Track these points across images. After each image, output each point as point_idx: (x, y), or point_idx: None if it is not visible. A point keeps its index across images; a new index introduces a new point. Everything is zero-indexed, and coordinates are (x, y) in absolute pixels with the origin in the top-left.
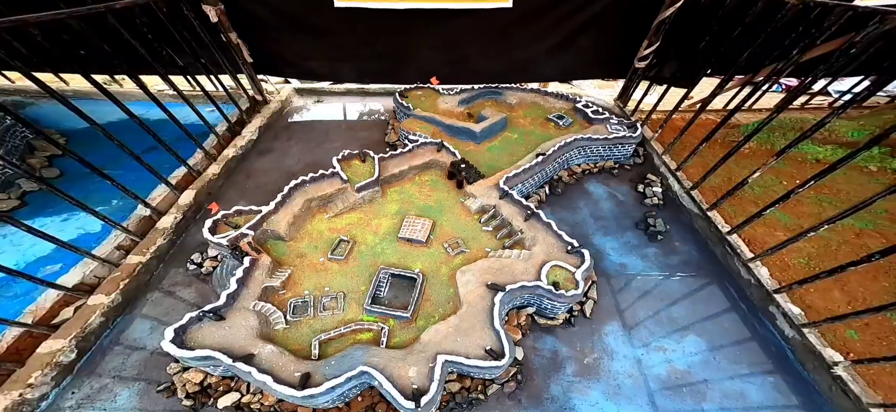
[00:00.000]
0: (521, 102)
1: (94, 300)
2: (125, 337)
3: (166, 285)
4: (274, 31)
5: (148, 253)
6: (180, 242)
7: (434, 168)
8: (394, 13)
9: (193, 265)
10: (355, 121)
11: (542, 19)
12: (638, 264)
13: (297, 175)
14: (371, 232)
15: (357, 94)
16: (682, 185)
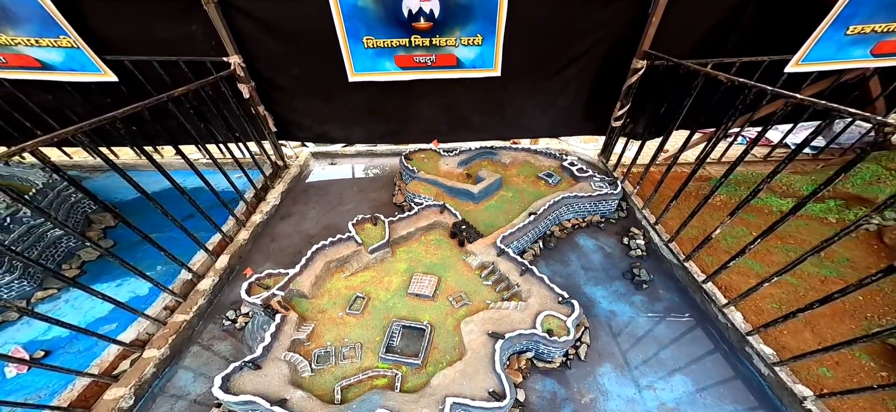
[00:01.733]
0: (514, 161)
1: (147, 354)
2: (171, 385)
3: (205, 340)
4: (295, 101)
5: (190, 312)
6: (216, 301)
7: (438, 228)
8: (399, 82)
9: (228, 321)
10: (366, 181)
11: (525, 82)
12: (626, 311)
13: (315, 237)
14: (383, 288)
15: (366, 156)
16: (661, 238)
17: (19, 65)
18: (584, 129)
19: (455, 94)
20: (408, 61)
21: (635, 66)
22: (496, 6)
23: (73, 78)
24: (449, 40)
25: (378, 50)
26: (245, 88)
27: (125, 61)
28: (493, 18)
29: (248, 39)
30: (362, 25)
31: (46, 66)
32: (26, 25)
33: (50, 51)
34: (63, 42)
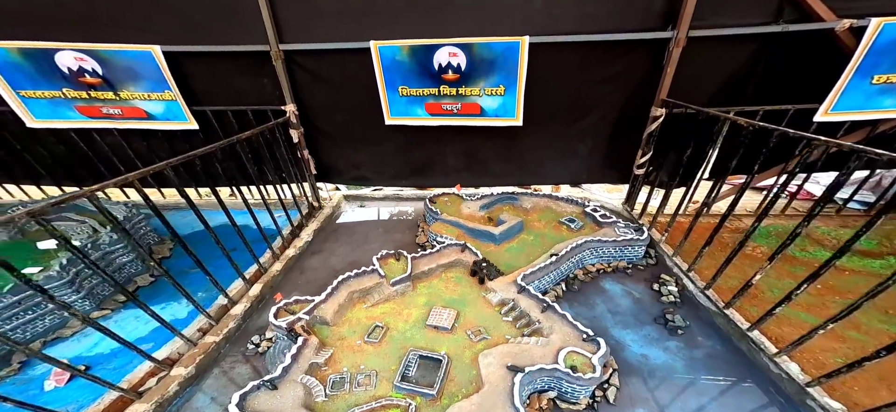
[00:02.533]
0: (536, 207)
1: (174, 372)
2: (189, 405)
3: (228, 362)
4: (335, 146)
5: (220, 334)
6: (245, 326)
7: (458, 266)
8: (428, 127)
9: (252, 345)
10: (391, 223)
11: (545, 131)
12: (660, 355)
13: (341, 272)
14: (402, 320)
15: (393, 200)
16: (696, 285)
17: (131, 116)
18: (607, 177)
19: (478, 141)
20: (436, 108)
21: (654, 114)
22: (517, 60)
23: (167, 126)
24: (474, 90)
25: (411, 98)
26: (295, 133)
27: (207, 111)
28: (514, 71)
29: (303, 90)
30: (398, 76)
31: (150, 117)
32: (143, 82)
33: (155, 103)
34: (166, 96)
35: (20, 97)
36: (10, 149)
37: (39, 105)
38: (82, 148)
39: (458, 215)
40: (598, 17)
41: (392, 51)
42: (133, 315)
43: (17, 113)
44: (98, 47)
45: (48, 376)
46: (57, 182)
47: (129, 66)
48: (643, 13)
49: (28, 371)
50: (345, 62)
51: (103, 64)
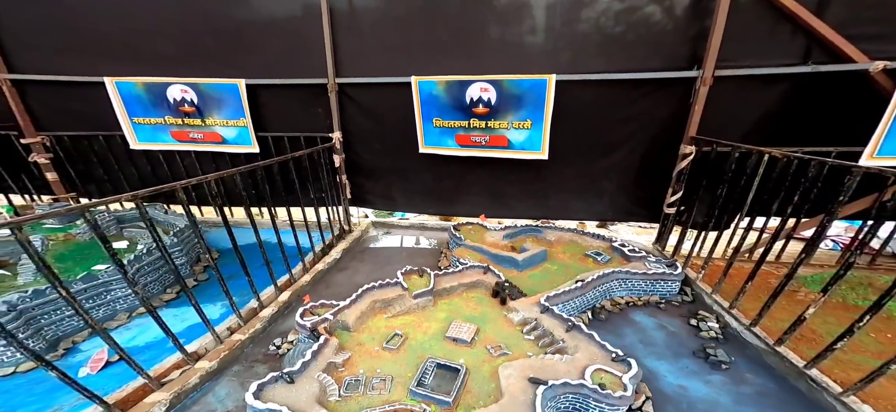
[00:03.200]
0: (560, 240)
1: (198, 365)
2: (205, 399)
3: (248, 361)
4: (370, 172)
5: (246, 334)
6: (270, 329)
7: (480, 287)
8: (456, 158)
9: (274, 347)
10: (414, 249)
11: (571, 166)
12: (701, 388)
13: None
14: (421, 332)
15: (418, 229)
16: (740, 322)
17: (210, 139)
18: (635, 215)
19: (503, 173)
20: (466, 140)
21: (684, 151)
22: (544, 95)
23: (235, 150)
24: (502, 123)
25: (443, 129)
26: (338, 158)
27: (268, 137)
28: (541, 106)
29: (349, 120)
30: (434, 108)
31: (224, 141)
32: (225, 111)
33: (230, 129)
34: (240, 122)
35: (132, 123)
36: (108, 168)
37: (144, 130)
38: (164, 168)
39: (481, 242)
40: (623, 57)
41: (430, 85)
42: (172, 313)
43: (126, 136)
44: (199, 81)
45: (84, 364)
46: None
47: (218, 97)
48: (668, 54)
49: (69, 358)
50: (386, 95)
51: (200, 95)
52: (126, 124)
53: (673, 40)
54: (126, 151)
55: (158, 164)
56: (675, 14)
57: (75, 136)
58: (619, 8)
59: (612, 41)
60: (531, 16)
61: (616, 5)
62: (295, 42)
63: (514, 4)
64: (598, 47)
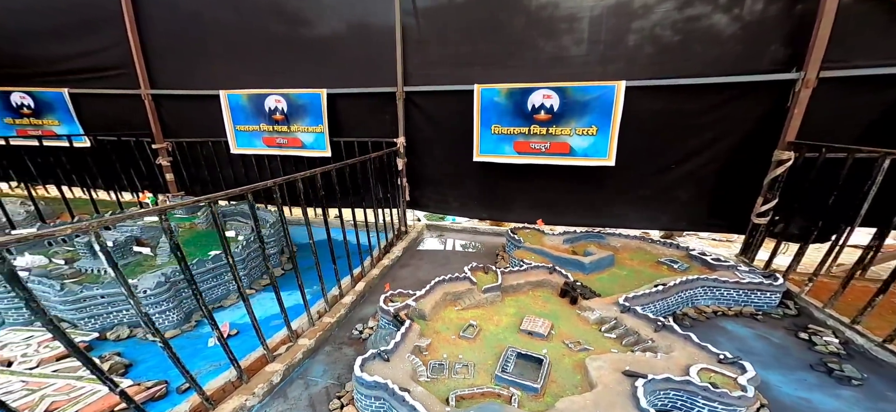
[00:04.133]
0: (626, 246)
1: (300, 342)
2: (306, 373)
3: (336, 343)
4: (427, 176)
5: (334, 317)
6: (350, 315)
7: (546, 286)
8: (513, 165)
9: (356, 332)
10: (469, 252)
11: (640, 173)
12: (830, 403)
13: (426, 284)
14: (493, 324)
15: (470, 233)
16: (868, 338)
17: (292, 144)
18: (713, 225)
19: (562, 180)
20: (525, 147)
21: (779, 158)
22: (612, 101)
23: (312, 154)
24: (564, 130)
25: (502, 136)
26: (400, 162)
27: (340, 142)
28: (608, 112)
29: (412, 127)
30: (494, 115)
31: (303, 146)
32: (307, 118)
33: (309, 135)
34: (318, 129)
35: (235, 130)
36: (211, 170)
37: (243, 136)
38: (254, 170)
39: (540, 245)
40: (706, 59)
41: (492, 92)
42: (269, 296)
43: (229, 141)
44: (290, 91)
45: (212, 336)
46: (232, 196)
47: (303, 105)
48: (759, 54)
49: (199, 329)
50: (447, 102)
51: (289, 103)
52: (230, 131)
53: (762, 40)
54: (227, 156)
55: (250, 166)
56: (764, 12)
57: (190, 142)
58: (696, 11)
59: (687, 44)
60: (595, 22)
61: (694, 7)
62: (369, 54)
63: (576, 12)
64: (672, 51)
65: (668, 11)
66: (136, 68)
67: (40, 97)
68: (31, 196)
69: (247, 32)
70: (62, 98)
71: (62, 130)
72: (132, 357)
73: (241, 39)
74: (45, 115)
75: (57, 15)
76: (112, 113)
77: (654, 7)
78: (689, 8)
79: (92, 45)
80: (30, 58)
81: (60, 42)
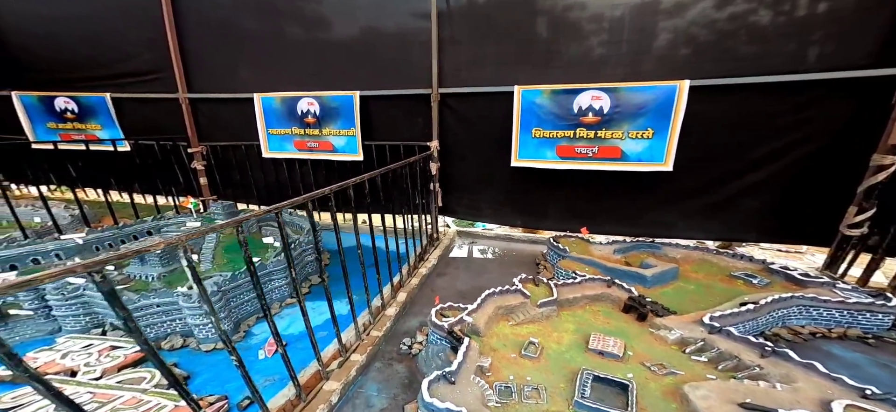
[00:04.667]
0: (687, 258)
1: (353, 357)
2: (360, 393)
3: (386, 358)
4: (460, 181)
5: (381, 331)
6: (394, 328)
7: (606, 301)
8: (553, 170)
9: (404, 347)
10: (505, 259)
11: (700, 180)
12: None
13: (467, 293)
14: (554, 341)
15: (504, 240)
16: None
17: (323, 148)
18: (790, 237)
19: (609, 186)
20: (569, 151)
21: (880, 162)
22: (673, 102)
23: (342, 158)
24: (615, 133)
25: (543, 140)
26: (434, 166)
27: (372, 146)
28: (667, 114)
29: (446, 130)
30: (534, 118)
31: (334, 149)
32: (339, 121)
33: (341, 138)
34: (350, 132)
35: (267, 134)
36: (243, 173)
37: (275, 140)
38: (284, 174)
39: (588, 255)
40: (784, 55)
41: (533, 94)
42: (311, 306)
43: (261, 145)
44: (323, 94)
45: (262, 346)
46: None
47: (336, 108)
48: (852, 48)
49: (248, 340)
50: (482, 105)
51: (322, 107)
52: (263, 135)
53: (855, 31)
54: (258, 159)
55: (280, 170)
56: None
57: (224, 146)
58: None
59: (762, 38)
60: (650, 17)
61: None
62: (403, 55)
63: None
64: (742, 47)
65: (738, 2)
66: (175, 72)
67: (83, 102)
68: (77, 200)
69: (280, 35)
70: (104, 102)
71: (104, 134)
72: (187, 368)
73: (274, 42)
74: (87, 119)
75: (101, 21)
76: (149, 117)
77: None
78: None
79: (133, 49)
80: (75, 63)
81: (104, 47)
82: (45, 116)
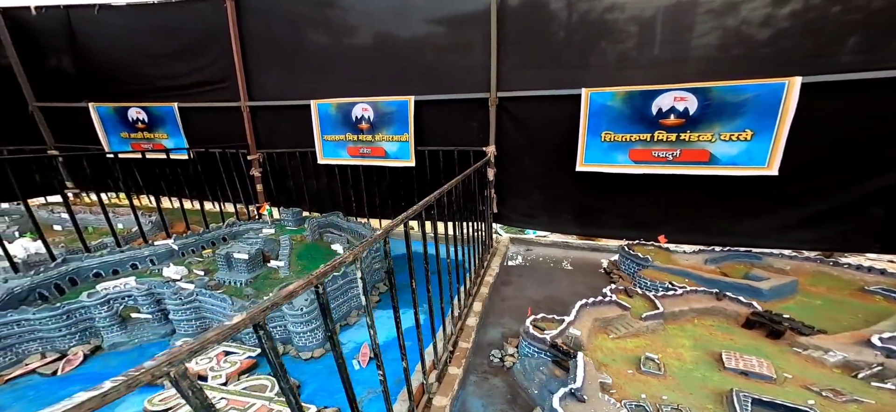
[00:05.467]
0: (799, 269)
1: (451, 370)
2: (465, 407)
3: (479, 371)
4: (516, 188)
5: (469, 342)
6: (477, 339)
7: (718, 315)
8: (622, 175)
9: (495, 359)
10: (570, 267)
11: (812, 185)
12: None
13: (541, 303)
14: (672, 357)
15: (561, 247)
16: None
17: (375, 154)
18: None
19: (693, 191)
20: (644, 155)
21: None
22: (779, 100)
23: (394, 163)
24: (703, 135)
25: (614, 144)
26: (491, 172)
27: (425, 151)
28: (772, 113)
29: (503, 135)
30: (604, 122)
31: (386, 155)
32: (393, 127)
33: (393, 144)
34: (404, 137)
35: (322, 141)
36: (296, 180)
37: (329, 146)
38: (336, 180)
39: (673, 264)
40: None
41: (604, 96)
42: (386, 314)
43: (317, 152)
44: (378, 99)
45: (356, 354)
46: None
47: (390, 113)
48: None
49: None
50: (543, 108)
51: (376, 112)
52: (318, 141)
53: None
54: (312, 166)
55: (333, 176)
56: None
57: (280, 153)
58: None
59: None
60: (735, 11)
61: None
62: (458, 58)
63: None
64: (861, 38)
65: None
66: (238, 81)
67: (154, 111)
68: (159, 208)
69: (337, 42)
70: (172, 112)
71: (169, 143)
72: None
73: (331, 49)
74: (156, 128)
75: (174, 33)
76: (210, 126)
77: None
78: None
79: (199, 61)
80: (147, 75)
81: (176, 58)
82: (119, 126)
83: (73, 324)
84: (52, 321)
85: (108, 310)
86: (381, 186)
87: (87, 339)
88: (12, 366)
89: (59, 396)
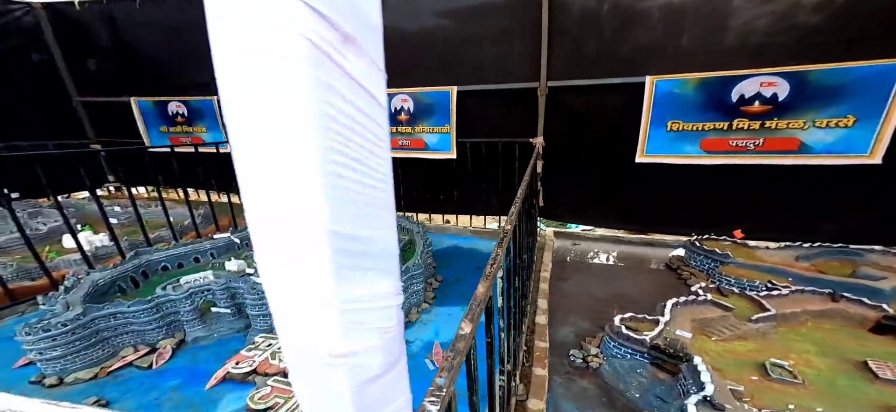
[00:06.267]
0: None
1: (536, 371)
2: (558, 411)
3: (562, 373)
4: (564, 180)
5: (545, 341)
6: (551, 339)
7: (836, 317)
8: (689, 166)
9: (577, 360)
10: (628, 265)
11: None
12: None
13: (607, 300)
14: (804, 364)
15: (611, 241)
16: None
17: (414, 146)
18: None
19: (773, 182)
20: (720, 145)
21: None
22: (892, 83)
23: (435, 155)
24: (794, 123)
25: (682, 133)
26: (539, 165)
27: (466, 143)
28: (882, 96)
29: (550, 125)
30: (670, 110)
31: (427, 147)
32: (434, 118)
33: (434, 136)
34: (444, 129)
35: None
36: None
37: None
38: None
39: (757, 261)
40: None
41: (671, 84)
42: (446, 313)
43: None
44: (417, 90)
45: (428, 353)
46: None
47: (430, 104)
48: None
49: (408, 346)
50: (597, 97)
51: (416, 103)
52: None
53: None
54: None
55: None
56: None
57: None
58: None
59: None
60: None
61: None
62: (505, 47)
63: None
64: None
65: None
66: None
67: (193, 105)
68: (210, 202)
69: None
70: (212, 105)
71: (208, 137)
72: None
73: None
74: (195, 122)
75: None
76: None
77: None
78: None
79: None
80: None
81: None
82: (159, 121)
83: (162, 318)
84: (143, 314)
85: (190, 304)
86: (420, 179)
87: (172, 333)
88: (110, 358)
89: (163, 388)
